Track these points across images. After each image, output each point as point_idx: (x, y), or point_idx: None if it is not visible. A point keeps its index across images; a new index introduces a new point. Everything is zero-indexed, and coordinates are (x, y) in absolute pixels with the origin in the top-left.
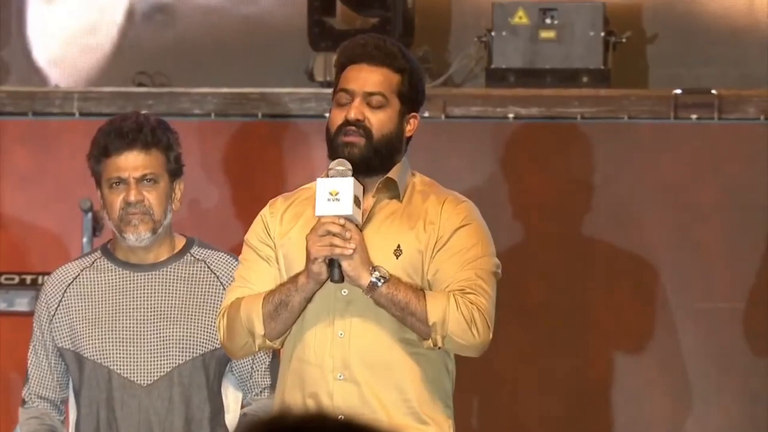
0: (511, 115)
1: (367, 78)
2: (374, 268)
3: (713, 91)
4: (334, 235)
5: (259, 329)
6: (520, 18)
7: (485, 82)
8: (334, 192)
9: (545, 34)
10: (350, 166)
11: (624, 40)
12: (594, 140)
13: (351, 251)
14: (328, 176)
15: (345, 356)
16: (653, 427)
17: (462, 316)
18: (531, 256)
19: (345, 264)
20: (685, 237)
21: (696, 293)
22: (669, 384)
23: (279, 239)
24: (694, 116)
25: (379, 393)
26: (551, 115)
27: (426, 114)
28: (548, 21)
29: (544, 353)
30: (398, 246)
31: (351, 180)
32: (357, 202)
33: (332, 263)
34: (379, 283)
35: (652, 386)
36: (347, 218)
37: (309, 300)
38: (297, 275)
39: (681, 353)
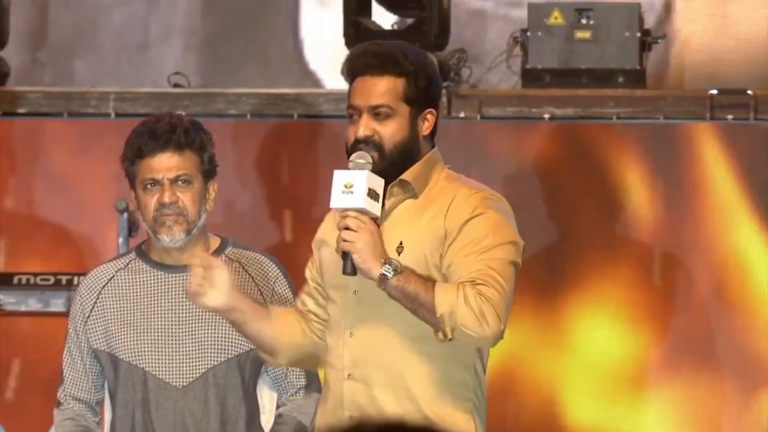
0: (546, 116)
1: (371, 90)
2: (386, 261)
3: (749, 92)
4: (346, 228)
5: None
6: (556, 18)
7: (521, 82)
8: (349, 185)
9: (581, 35)
10: (370, 159)
11: (659, 41)
12: (629, 141)
13: (361, 244)
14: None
15: (353, 356)
16: (691, 427)
17: (470, 308)
18: (566, 256)
19: (355, 257)
20: (720, 236)
21: (732, 293)
22: (705, 384)
23: (321, 237)
24: (730, 116)
25: (385, 392)
26: (587, 116)
27: (462, 114)
28: (584, 21)
29: (580, 354)
30: (400, 243)
31: (365, 173)
32: (373, 195)
33: (345, 256)
34: (389, 275)
35: (689, 386)
36: (360, 211)
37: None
38: None
39: (718, 353)
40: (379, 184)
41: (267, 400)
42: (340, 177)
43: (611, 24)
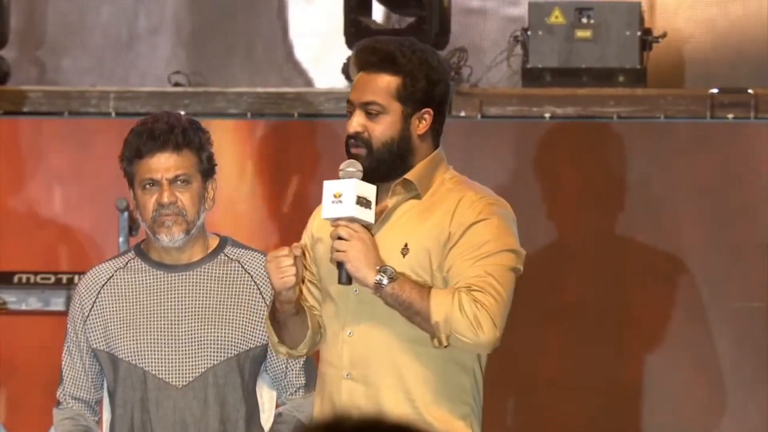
0: (547, 115)
1: (364, 87)
2: (381, 268)
3: (750, 90)
4: (339, 238)
5: (274, 339)
6: (557, 17)
7: (521, 81)
8: (338, 194)
9: (581, 34)
10: (360, 167)
11: (660, 40)
12: (630, 140)
13: (353, 253)
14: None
15: (352, 355)
16: (689, 427)
17: (464, 314)
18: (566, 255)
19: (348, 266)
20: (720, 236)
21: (731, 293)
22: (704, 383)
23: (315, 234)
24: (730, 115)
25: (383, 393)
26: (587, 115)
27: (462, 113)
28: (584, 20)
29: (579, 352)
30: (405, 245)
31: (353, 181)
32: (363, 202)
33: (340, 265)
34: (384, 282)
35: (688, 385)
36: (351, 219)
37: (295, 314)
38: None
39: (716, 352)
40: (369, 190)
41: (266, 399)
42: (329, 187)
43: (612, 23)
